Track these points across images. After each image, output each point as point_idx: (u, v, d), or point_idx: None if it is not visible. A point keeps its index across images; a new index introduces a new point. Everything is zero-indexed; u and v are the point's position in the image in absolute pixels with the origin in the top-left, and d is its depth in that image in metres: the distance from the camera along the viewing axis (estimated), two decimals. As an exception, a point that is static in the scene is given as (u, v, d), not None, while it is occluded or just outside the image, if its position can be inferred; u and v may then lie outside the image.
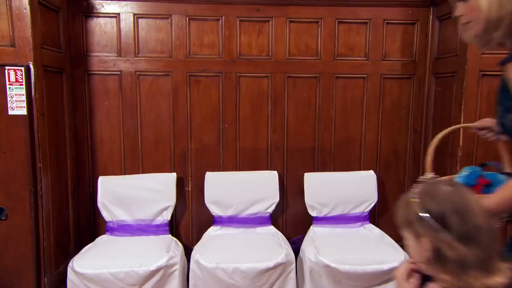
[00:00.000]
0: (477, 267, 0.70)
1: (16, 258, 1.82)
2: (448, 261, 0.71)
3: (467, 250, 0.69)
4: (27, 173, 1.79)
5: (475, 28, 1.00)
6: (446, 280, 0.72)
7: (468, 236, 0.70)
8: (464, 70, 1.91)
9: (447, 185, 0.77)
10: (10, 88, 1.75)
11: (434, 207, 0.73)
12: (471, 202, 0.73)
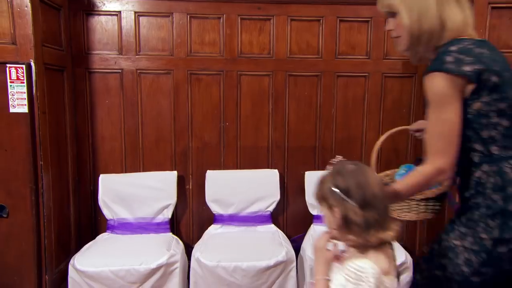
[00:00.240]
0: (375, 226, 0.89)
1: (17, 256, 1.82)
2: (353, 224, 0.89)
3: (367, 214, 0.88)
4: (28, 171, 1.79)
5: (403, 42, 1.10)
6: (351, 239, 0.91)
7: (367, 204, 0.89)
8: (465, 69, 1.90)
9: (352, 164, 0.95)
10: (11, 86, 1.75)
11: (341, 182, 0.91)
12: (370, 177, 0.92)
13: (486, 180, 1.00)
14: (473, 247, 0.99)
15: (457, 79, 0.97)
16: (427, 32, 1.05)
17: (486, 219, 0.97)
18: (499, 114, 0.99)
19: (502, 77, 0.99)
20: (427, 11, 1.05)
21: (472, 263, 0.98)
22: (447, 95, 0.97)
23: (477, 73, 0.97)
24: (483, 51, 1.01)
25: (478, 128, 1.00)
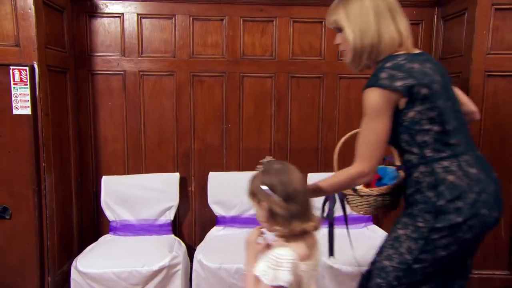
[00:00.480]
0: (297, 217, 1.00)
1: (20, 257, 1.82)
2: (278, 216, 1.00)
3: (290, 207, 1.00)
4: (31, 173, 1.80)
5: (348, 55, 1.24)
6: (277, 230, 1.03)
7: (290, 198, 1.00)
8: (469, 70, 1.89)
9: (278, 164, 1.07)
10: (14, 87, 1.75)
11: (267, 180, 1.02)
12: (292, 174, 1.04)
13: (423, 179, 1.14)
14: (413, 235, 1.13)
15: (390, 93, 1.10)
16: (368, 47, 1.18)
17: (423, 213, 1.12)
18: (430, 121, 1.11)
19: (431, 89, 1.11)
20: (368, 27, 1.17)
21: (413, 250, 1.12)
22: (380, 108, 1.11)
23: (408, 87, 1.09)
24: (414, 66, 1.12)
25: (413, 133, 1.13)
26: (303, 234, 1.03)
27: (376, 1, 1.19)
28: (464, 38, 1.96)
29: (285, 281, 0.94)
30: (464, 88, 1.94)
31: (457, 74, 2.02)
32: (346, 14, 1.20)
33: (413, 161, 1.16)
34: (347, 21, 1.20)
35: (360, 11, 1.18)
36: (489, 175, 1.16)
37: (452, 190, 1.10)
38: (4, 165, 1.78)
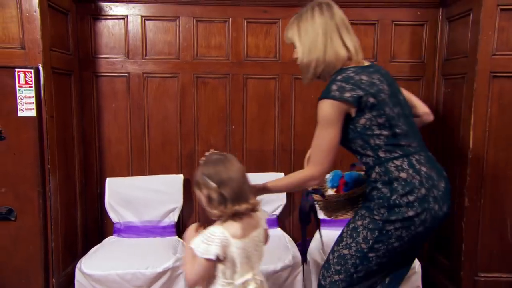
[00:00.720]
0: (231, 201, 1.14)
1: (25, 259, 1.83)
2: (214, 200, 1.15)
3: (224, 191, 1.14)
4: (36, 175, 1.80)
5: (300, 67, 1.37)
6: (215, 213, 1.16)
7: (223, 184, 1.14)
8: (474, 71, 1.88)
9: (218, 155, 1.23)
10: (19, 90, 1.76)
11: (206, 170, 1.17)
12: (228, 164, 1.18)
13: (379, 178, 1.25)
14: (369, 226, 1.24)
15: (340, 104, 1.21)
16: (314, 62, 1.30)
17: (378, 207, 1.23)
18: (380, 127, 1.23)
19: (378, 98, 1.22)
20: (315, 45, 1.29)
21: (369, 240, 1.23)
22: (331, 118, 1.23)
23: (356, 97, 1.20)
24: (362, 78, 1.24)
25: (366, 138, 1.25)
26: (240, 216, 1.16)
27: (326, 20, 1.30)
28: (469, 39, 1.95)
29: (213, 254, 1.10)
30: (469, 90, 1.93)
31: (462, 76, 2.01)
32: (298, 31, 1.33)
33: (370, 163, 1.28)
34: (298, 38, 1.33)
35: (311, 29, 1.30)
36: (440, 174, 1.29)
37: (404, 186, 1.21)
38: (9, 167, 1.79)
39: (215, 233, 1.12)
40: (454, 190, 2.06)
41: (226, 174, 1.16)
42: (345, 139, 1.29)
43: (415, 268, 1.83)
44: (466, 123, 1.95)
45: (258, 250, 1.21)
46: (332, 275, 1.31)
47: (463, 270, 1.98)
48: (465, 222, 1.96)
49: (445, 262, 2.17)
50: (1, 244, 1.81)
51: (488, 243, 1.98)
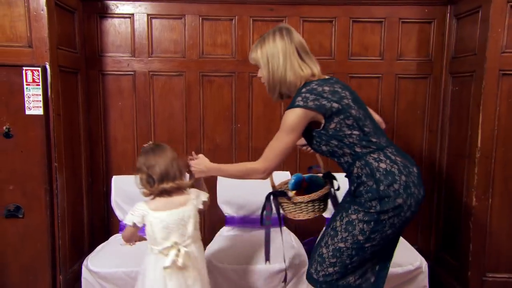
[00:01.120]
0: (158, 181, 1.41)
1: (33, 256, 1.85)
2: (144, 180, 1.44)
3: (151, 173, 1.42)
4: (43, 172, 1.82)
5: (266, 87, 1.49)
6: (145, 192, 1.44)
7: (151, 167, 1.42)
8: (483, 69, 1.86)
9: (152, 145, 1.51)
10: (27, 88, 1.78)
11: (141, 158, 1.46)
12: (158, 151, 1.46)
13: (361, 172, 1.34)
14: (364, 218, 1.31)
15: (305, 111, 1.34)
16: (277, 83, 1.44)
17: (370, 200, 1.31)
18: (349, 127, 1.35)
19: (341, 104, 1.35)
20: (277, 68, 1.42)
21: (365, 231, 1.31)
22: (293, 125, 1.35)
23: (319, 105, 1.33)
24: (324, 88, 1.37)
25: (340, 139, 1.36)
26: (168, 193, 1.44)
27: (286, 45, 1.43)
28: (477, 36, 1.93)
29: (130, 221, 1.43)
30: (477, 88, 1.91)
31: (470, 74, 1.99)
32: (262, 54, 1.45)
33: (349, 161, 1.37)
34: (262, 61, 1.46)
35: (272, 53, 1.43)
36: (411, 161, 1.40)
37: (386, 175, 1.31)
38: (17, 164, 1.80)
39: (139, 206, 1.44)
40: (461, 189, 2.05)
41: (154, 160, 1.43)
42: (320, 144, 1.40)
43: (421, 268, 1.82)
44: (474, 121, 1.93)
45: (183, 224, 1.44)
46: (326, 268, 1.38)
47: (471, 270, 1.96)
48: (472, 222, 1.95)
49: (452, 262, 2.15)
50: (9, 241, 1.83)
51: (496, 243, 1.96)
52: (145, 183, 1.44)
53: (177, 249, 1.41)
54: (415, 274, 1.80)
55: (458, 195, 2.09)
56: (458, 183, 2.10)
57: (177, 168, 1.46)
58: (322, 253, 1.40)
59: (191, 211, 1.47)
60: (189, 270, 1.44)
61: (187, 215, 1.46)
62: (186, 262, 1.41)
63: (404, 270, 1.78)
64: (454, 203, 2.14)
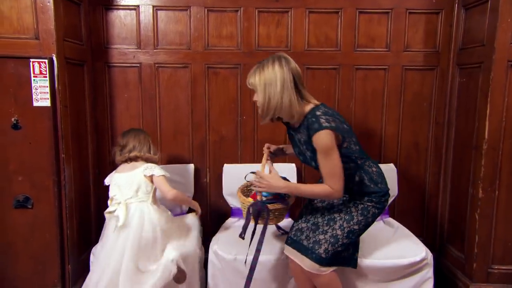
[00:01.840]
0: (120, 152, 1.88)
1: (42, 246, 1.87)
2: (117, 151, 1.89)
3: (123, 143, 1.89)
4: (51, 164, 1.83)
5: (259, 111, 1.62)
6: (117, 159, 1.88)
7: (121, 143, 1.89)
8: (491, 60, 1.84)
9: (131, 129, 1.97)
10: (34, 80, 1.79)
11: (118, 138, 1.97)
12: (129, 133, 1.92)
13: (363, 176, 1.65)
14: (377, 205, 1.65)
15: (332, 132, 1.51)
16: (272, 109, 1.57)
17: (371, 197, 1.64)
18: (354, 144, 1.63)
19: (347, 125, 1.61)
20: (274, 95, 1.55)
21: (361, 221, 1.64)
22: (332, 144, 1.51)
23: (337, 126, 1.52)
24: (333, 112, 1.60)
25: (350, 155, 1.61)
26: (129, 161, 1.86)
27: (283, 73, 1.55)
28: (486, 27, 1.90)
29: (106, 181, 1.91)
30: (485, 79, 1.89)
31: (478, 65, 1.97)
32: (260, 80, 1.57)
33: (354, 168, 1.65)
34: (259, 87, 1.57)
35: (270, 81, 1.55)
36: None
37: (378, 176, 1.67)
38: (26, 156, 1.82)
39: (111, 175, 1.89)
40: (468, 181, 2.04)
41: (124, 138, 1.89)
42: None
43: (427, 259, 1.82)
44: (481, 113, 1.92)
45: (131, 184, 1.80)
46: (337, 247, 1.62)
47: (476, 262, 1.97)
48: (479, 214, 1.94)
49: (457, 254, 2.15)
50: (19, 231, 1.86)
51: (503, 235, 1.96)
52: (118, 153, 1.88)
53: (123, 205, 1.73)
54: (420, 265, 1.81)
55: (464, 187, 2.08)
56: (464, 175, 2.09)
57: (138, 143, 1.87)
58: (337, 235, 1.62)
59: (138, 175, 1.81)
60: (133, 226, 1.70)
61: (134, 178, 1.81)
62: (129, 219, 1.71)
63: (410, 262, 1.78)
64: (460, 195, 2.13)
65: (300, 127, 1.64)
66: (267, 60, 1.59)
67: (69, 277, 1.92)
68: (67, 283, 1.92)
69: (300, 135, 1.65)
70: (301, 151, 1.68)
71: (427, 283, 1.85)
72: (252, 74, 1.61)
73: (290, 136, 1.76)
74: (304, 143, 1.64)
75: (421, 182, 2.40)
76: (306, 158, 1.67)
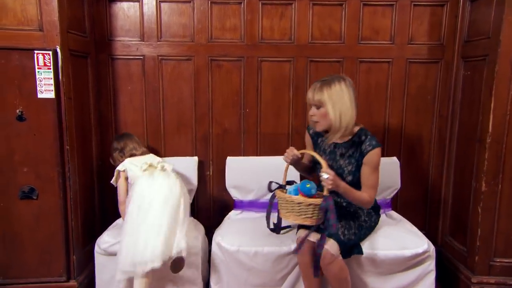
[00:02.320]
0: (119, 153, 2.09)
1: (47, 236, 1.89)
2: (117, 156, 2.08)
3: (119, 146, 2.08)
4: (55, 155, 1.85)
5: (321, 126, 1.73)
6: (121, 159, 2.06)
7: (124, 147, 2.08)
8: (496, 53, 1.82)
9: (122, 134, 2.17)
10: (39, 72, 1.79)
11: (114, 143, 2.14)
12: (122, 137, 2.14)
13: None
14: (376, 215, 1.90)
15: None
16: (344, 126, 1.68)
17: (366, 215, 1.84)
18: None
19: None
20: (346, 111, 1.67)
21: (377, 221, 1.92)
22: (380, 162, 1.73)
23: None
24: None
25: None
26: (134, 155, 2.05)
27: (349, 89, 1.69)
28: (492, 19, 1.89)
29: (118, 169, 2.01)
30: (490, 72, 1.88)
31: (483, 57, 1.96)
32: (330, 97, 1.66)
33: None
34: (329, 103, 1.66)
35: (340, 98, 1.66)
36: None
37: None
38: (31, 147, 1.83)
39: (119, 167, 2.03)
40: (471, 175, 2.04)
41: (120, 142, 2.09)
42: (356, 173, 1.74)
43: (429, 252, 1.83)
44: (486, 106, 1.91)
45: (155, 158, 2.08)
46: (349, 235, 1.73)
47: (478, 255, 1.97)
48: (481, 207, 1.94)
49: (460, 247, 2.16)
50: (25, 221, 1.87)
51: (505, 229, 1.96)
52: (117, 156, 2.06)
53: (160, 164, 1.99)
54: (422, 257, 1.82)
55: (467, 181, 2.08)
56: (467, 168, 2.09)
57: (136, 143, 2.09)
58: (351, 227, 1.76)
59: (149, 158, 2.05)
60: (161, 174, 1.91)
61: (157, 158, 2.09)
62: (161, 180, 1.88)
63: (412, 253, 1.79)
64: (463, 188, 2.13)
65: (346, 143, 1.76)
66: (331, 78, 1.70)
67: (74, 267, 1.94)
68: (72, 273, 1.95)
69: (344, 149, 1.76)
70: (339, 165, 1.77)
71: (429, 276, 1.86)
72: (318, 90, 1.68)
73: (323, 148, 1.84)
74: (347, 157, 1.75)
75: (424, 175, 2.40)
76: (342, 171, 1.76)
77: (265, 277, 1.86)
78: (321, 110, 1.69)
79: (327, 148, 1.82)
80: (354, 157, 1.72)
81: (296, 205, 1.61)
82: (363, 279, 1.83)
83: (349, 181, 1.71)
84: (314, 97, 1.68)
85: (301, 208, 1.60)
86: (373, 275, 1.83)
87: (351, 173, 1.74)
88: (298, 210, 1.61)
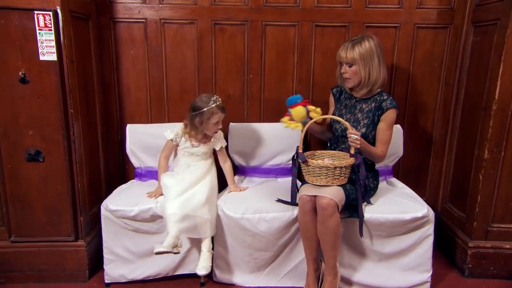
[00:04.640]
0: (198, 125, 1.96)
1: (55, 197, 1.94)
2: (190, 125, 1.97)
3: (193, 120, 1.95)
4: (60, 118, 1.85)
5: (351, 83, 1.91)
6: (187, 131, 1.99)
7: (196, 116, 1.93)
8: (509, 17, 1.77)
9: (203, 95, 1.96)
10: (40, 33, 1.77)
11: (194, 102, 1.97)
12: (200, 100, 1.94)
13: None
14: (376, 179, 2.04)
15: None
16: (372, 83, 1.87)
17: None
18: None
19: None
20: (373, 69, 1.85)
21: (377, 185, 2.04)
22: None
23: None
24: None
25: None
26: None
27: (378, 51, 1.85)
28: (505, -19, 1.82)
29: (168, 136, 2.02)
30: (501, 37, 1.83)
31: (494, 22, 1.90)
32: (361, 55, 1.82)
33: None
34: (360, 61, 1.83)
35: (370, 56, 1.83)
36: None
37: None
38: (35, 110, 1.84)
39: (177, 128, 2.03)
40: (474, 142, 2.04)
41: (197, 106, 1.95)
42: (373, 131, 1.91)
43: (428, 216, 1.86)
44: (494, 72, 1.88)
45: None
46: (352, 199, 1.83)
47: (477, 221, 2.01)
48: (482, 174, 1.96)
49: (459, 213, 2.19)
50: (33, 182, 1.91)
51: (505, 196, 1.99)
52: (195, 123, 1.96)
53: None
54: (421, 221, 1.85)
55: (470, 148, 2.09)
56: (471, 136, 2.08)
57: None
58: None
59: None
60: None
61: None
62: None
63: (411, 217, 1.81)
64: (466, 156, 2.14)
65: (369, 99, 1.93)
66: (361, 37, 1.85)
67: (81, 228, 2.00)
68: (80, 234, 2.01)
69: (365, 105, 1.93)
70: (356, 118, 1.93)
71: (427, 240, 1.89)
72: (350, 49, 1.82)
73: (345, 104, 2.00)
74: (367, 112, 1.91)
75: (427, 143, 2.40)
76: (357, 123, 1.91)
77: (267, 243, 1.90)
78: (353, 68, 1.85)
79: (348, 103, 2.00)
80: (372, 112, 1.90)
81: (330, 170, 1.73)
82: (362, 241, 1.88)
83: (362, 133, 1.88)
84: (347, 56, 1.83)
85: (334, 171, 1.73)
86: (373, 237, 1.87)
87: (365, 125, 1.90)
88: (326, 173, 1.74)
